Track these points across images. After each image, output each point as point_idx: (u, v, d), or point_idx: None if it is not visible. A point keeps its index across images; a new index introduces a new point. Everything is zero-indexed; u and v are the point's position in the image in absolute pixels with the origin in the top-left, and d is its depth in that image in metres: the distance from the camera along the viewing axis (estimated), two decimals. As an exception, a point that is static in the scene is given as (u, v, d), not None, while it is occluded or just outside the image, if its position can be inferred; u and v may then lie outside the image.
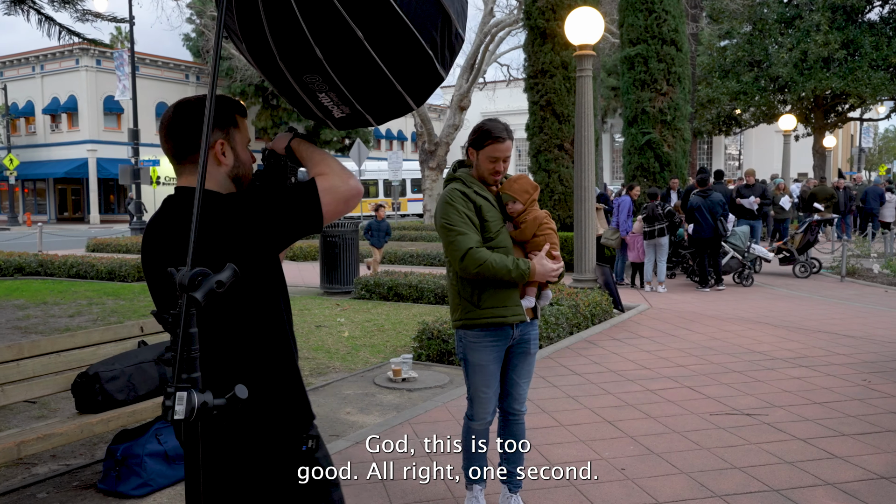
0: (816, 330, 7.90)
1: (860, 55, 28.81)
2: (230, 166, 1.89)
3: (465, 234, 3.11)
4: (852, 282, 11.86)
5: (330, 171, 1.84)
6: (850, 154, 54.16)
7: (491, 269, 3.06)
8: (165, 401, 1.46)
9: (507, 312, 3.18)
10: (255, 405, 1.81)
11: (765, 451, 4.30)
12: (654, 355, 6.80)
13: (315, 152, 1.94)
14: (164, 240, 1.82)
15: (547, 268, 3.11)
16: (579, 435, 4.63)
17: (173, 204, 1.86)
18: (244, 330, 1.82)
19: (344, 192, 1.82)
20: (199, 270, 1.48)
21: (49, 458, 4.33)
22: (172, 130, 1.87)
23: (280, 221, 1.77)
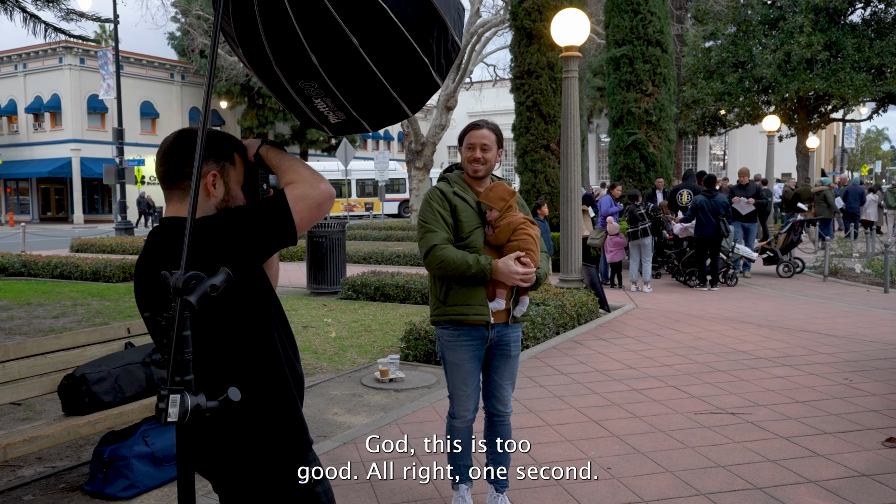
0: (800, 329, 7.99)
1: (842, 57, 29.14)
2: (219, 199, 1.88)
3: (433, 231, 3.18)
4: (835, 281, 12.00)
5: (299, 179, 1.83)
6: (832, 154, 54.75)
7: (452, 264, 3.10)
8: (159, 403, 1.48)
9: (469, 311, 3.21)
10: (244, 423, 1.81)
11: (749, 449, 4.35)
12: (639, 355, 6.85)
13: (283, 159, 1.92)
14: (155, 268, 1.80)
15: (511, 269, 3.12)
16: (566, 434, 4.67)
17: (160, 235, 1.85)
18: (229, 349, 1.80)
19: (315, 198, 1.81)
20: (193, 274, 1.50)
21: (35, 459, 4.31)
22: (169, 154, 1.87)
23: (253, 238, 1.75)
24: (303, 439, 1.91)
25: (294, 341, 1.97)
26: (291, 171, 1.86)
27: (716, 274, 11.23)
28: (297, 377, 1.93)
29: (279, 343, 1.88)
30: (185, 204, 1.85)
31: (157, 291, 1.76)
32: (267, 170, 1.98)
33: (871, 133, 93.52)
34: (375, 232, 23.28)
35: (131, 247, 17.55)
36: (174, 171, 1.85)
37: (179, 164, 1.85)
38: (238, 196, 1.94)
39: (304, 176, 1.84)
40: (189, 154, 1.82)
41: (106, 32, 39.38)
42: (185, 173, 1.84)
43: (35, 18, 9.24)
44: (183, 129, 1.91)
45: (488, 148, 3.27)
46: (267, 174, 2.01)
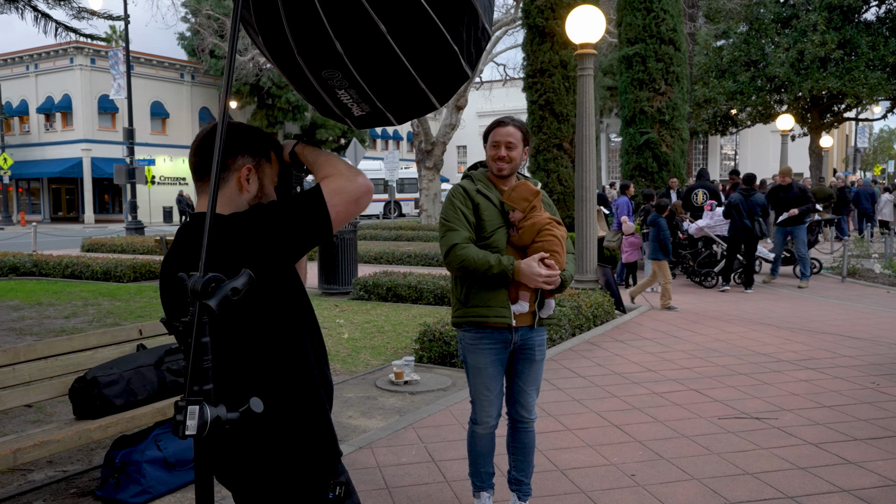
0: (821, 331, 7.84)
1: (857, 55, 28.82)
2: (252, 195, 1.80)
3: (455, 229, 3.08)
4: (853, 282, 11.81)
5: (336, 172, 1.75)
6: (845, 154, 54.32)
7: (473, 263, 3.00)
8: (176, 415, 1.38)
9: (490, 313, 3.10)
10: (271, 433, 1.71)
11: (777, 456, 4.22)
12: (658, 357, 6.72)
13: (320, 155, 1.84)
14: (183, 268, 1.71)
15: (534, 270, 3.00)
16: (586, 439, 4.55)
17: (189, 231, 1.77)
18: (258, 353, 1.71)
19: (353, 192, 1.72)
20: (213, 276, 1.40)
21: (45, 463, 4.23)
22: (203, 145, 1.79)
23: (287, 233, 1.66)
24: (332, 450, 1.81)
25: (324, 344, 1.87)
26: (328, 166, 1.78)
27: (751, 275, 10.99)
28: (326, 383, 1.83)
29: (310, 347, 1.79)
30: (218, 198, 1.76)
31: (178, 294, 1.67)
32: (302, 170, 1.90)
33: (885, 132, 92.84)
34: (386, 232, 23.21)
35: (142, 246, 17.53)
36: (207, 164, 1.76)
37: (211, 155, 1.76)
38: (271, 195, 1.85)
39: (341, 169, 1.75)
40: (226, 145, 1.73)
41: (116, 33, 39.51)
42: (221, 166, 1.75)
43: (46, 17, 9.19)
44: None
45: (513, 146, 3.16)
46: (301, 177, 1.93)
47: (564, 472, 4.03)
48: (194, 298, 1.38)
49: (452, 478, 3.98)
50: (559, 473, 4.02)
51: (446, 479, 3.97)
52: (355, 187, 1.72)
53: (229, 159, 1.77)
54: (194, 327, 1.40)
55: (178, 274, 1.45)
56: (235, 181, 1.78)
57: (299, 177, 1.95)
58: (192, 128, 42.51)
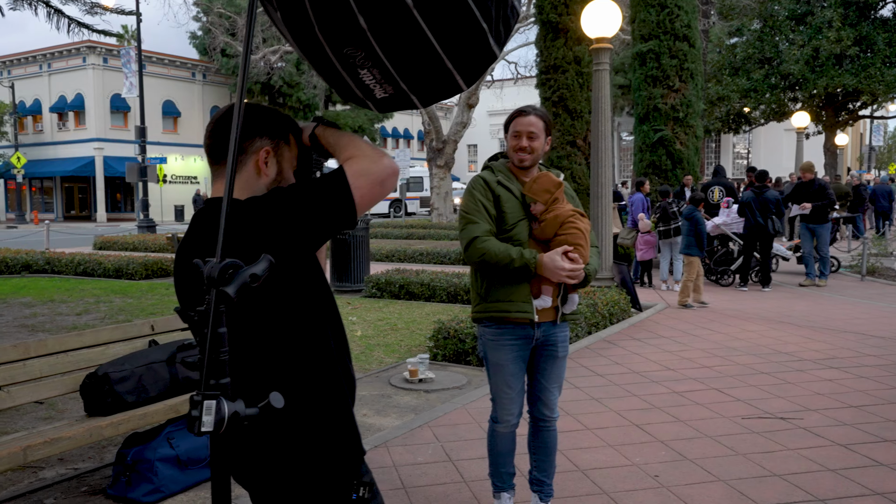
0: (842, 330, 7.68)
1: (873, 52, 28.49)
2: (271, 179, 1.71)
3: (475, 222, 2.99)
4: (873, 281, 11.62)
5: (359, 154, 1.65)
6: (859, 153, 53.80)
7: (494, 257, 2.90)
8: (192, 410, 1.28)
9: (512, 308, 2.99)
10: (291, 430, 1.62)
11: (804, 457, 4.10)
12: (676, 356, 6.60)
13: (342, 137, 1.74)
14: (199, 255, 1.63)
15: (557, 264, 2.90)
16: (607, 439, 4.44)
17: (204, 217, 1.68)
18: (277, 347, 1.61)
19: (378, 174, 1.62)
20: (230, 262, 1.30)
21: (56, 461, 4.16)
22: (218, 127, 1.70)
23: (309, 218, 1.56)
24: (356, 448, 1.71)
25: (345, 337, 1.78)
26: (351, 147, 1.68)
27: (768, 273, 10.81)
28: (349, 378, 1.74)
29: (332, 339, 1.69)
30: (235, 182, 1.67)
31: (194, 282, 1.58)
32: (322, 154, 1.81)
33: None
34: (397, 230, 23.13)
35: (153, 244, 17.53)
36: (223, 146, 1.67)
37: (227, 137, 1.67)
38: (290, 180, 1.76)
39: (365, 151, 1.65)
40: (243, 127, 1.65)
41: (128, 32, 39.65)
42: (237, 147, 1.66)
43: (59, 13, 9.15)
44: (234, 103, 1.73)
45: (535, 136, 3.05)
46: (321, 161, 1.83)
47: (585, 473, 3.92)
48: (210, 286, 1.29)
49: (470, 478, 3.88)
50: (580, 474, 3.91)
51: (464, 479, 3.87)
52: (380, 169, 1.62)
53: (246, 141, 1.68)
54: (210, 316, 1.30)
55: (193, 260, 1.36)
56: (253, 164, 1.69)
57: (319, 161, 1.86)
58: (203, 127, 42.51)
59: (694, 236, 9.09)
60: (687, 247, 9.20)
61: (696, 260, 9.15)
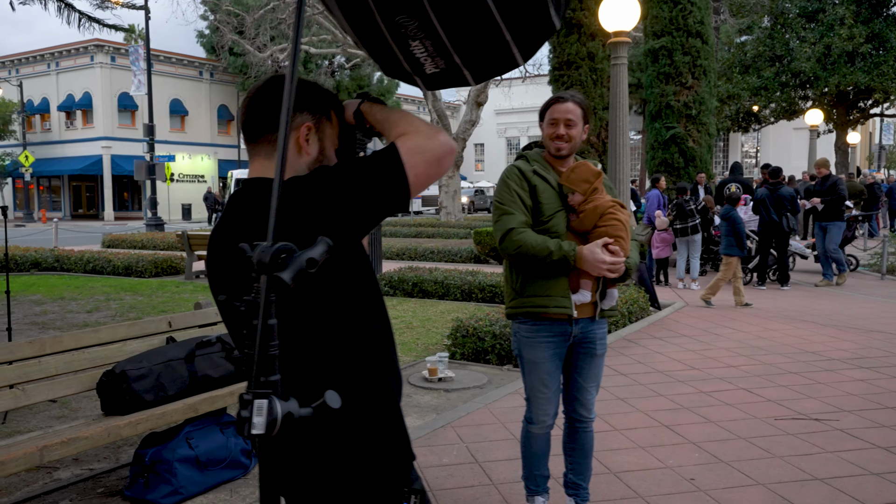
0: (868, 329, 7.52)
1: (886, 49, 28.22)
2: (312, 157, 1.58)
3: (510, 213, 2.85)
4: (893, 279, 11.43)
5: (413, 129, 1.51)
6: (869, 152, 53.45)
7: (531, 249, 2.76)
8: (241, 411, 1.15)
9: (550, 303, 2.85)
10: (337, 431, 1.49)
11: (844, 460, 3.95)
12: (700, 355, 6.45)
13: (391, 112, 1.61)
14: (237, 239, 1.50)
15: (597, 257, 2.75)
16: (637, 440, 4.30)
17: (243, 199, 1.55)
18: (322, 341, 1.48)
19: (434, 151, 1.48)
20: (283, 245, 1.17)
21: (71, 461, 4.05)
22: (255, 102, 1.57)
23: (360, 199, 1.43)
24: (406, 452, 1.57)
25: (391, 328, 1.64)
26: (403, 122, 1.54)
27: (785, 272, 10.65)
28: (396, 375, 1.60)
29: (380, 334, 1.56)
30: (272, 161, 1.54)
31: (236, 269, 1.44)
32: (366, 133, 1.67)
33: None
34: (406, 229, 23.03)
35: (162, 242, 17.45)
36: (260, 122, 1.55)
37: (267, 113, 1.54)
38: (333, 159, 1.63)
39: (419, 126, 1.51)
40: (278, 100, 1.52)
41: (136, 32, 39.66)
42: (274, 123, 1.53)
43: (70, 7, 9.05)
44: (274, 75, 1.60)
45: (573, 124, 2.91)
46: (365, 141, 1.70)
47: (618, 476, 3.78)
48: (262, 271, 1.16)
49: (499, 480, 3.75)
50: (612, 477, 3.77)
51: (492, 481, 3.74)
52: (436, 146, 1.48)
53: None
54: (261, 306, 1.17)
55: (238, 245, 1.22)
56: (293, 141, 1.55)
57: (363, 141, 1.73)
58: (210, 126, 42.55)
59: (733, 236, 8.82)
60: (727, 247, 8.89)
61: (735, 260, 8.88)
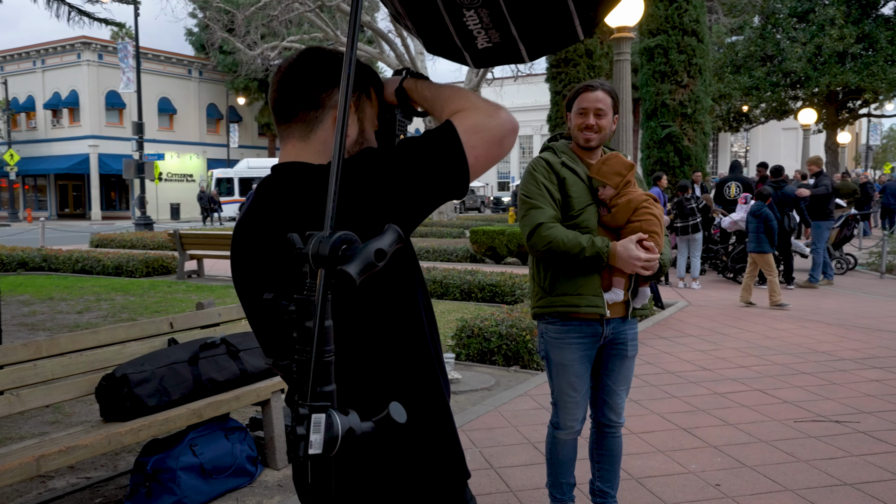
0: (875, 329, 7.42)
1: (876, 50, 28.31)
2: (351, 140, 1.40)
3: (539, 207, 2.69)
4: (893, 278, 11.38)
5: (470, 106, 1.34)
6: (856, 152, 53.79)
7: (562, 245, 2.61)
8: (297, 427, 0.99)
9: (582, 303, 2.70)
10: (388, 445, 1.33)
11: (871, 464, 3.83)
12: (709, 355, 6.32)
13: (442, 88, 1.43)
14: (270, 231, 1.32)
15: (632, 253, 2.61)
16: (656, 444, 4.16)
17: (275, 185, 1.37)
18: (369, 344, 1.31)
19: (495, 130, 1.31)
20: (344, 235, 1.01)
21: (67, 469, 3.86)
22: (288, 76, 1.39)
23: (414, 183, 1.26)
24: (460, 470, 1.41)
25: (437, 327, 1.48)
26: (457, 98, 1.37)
27: (791, 270, 10.56)
28: (445, 380, 1.44)
29: (429, 335, 1.39)
30: (309, 144, 1.37)
31: (271, 263, 1.28)
32: (409, 113, 1.51)
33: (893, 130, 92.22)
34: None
35: (152, 242, 17.18)
36: (294, 99, 1.37)
37: (302, 88, 1.37)
38: (373, 142, 1.46)
39: (477, 102, 1.34)
40: (318, 76, 1.35)
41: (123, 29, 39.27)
42: (311, 100, 1.36)
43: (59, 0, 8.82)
44: (309, 47, 1.42)
45: (603, 113, 2.76)
46: (406, 123, 1.54)
47: (640, 482, 3.64)
48: (320, 266, 1.00)
49: (517, 487, 3.59)
50: (635, 483, 3.63)
51: (510, 488, 3.58)
52: (498, 124, 1.31)
53: (323, 93, 1.37)
54: (318, 306, 1.01)
55: (283, 236, 1.06)
56: (331, 122, 1.38)
57: (403, 123, 1.56)
58: (199, 124, 42.20)
59: (765, 233, 8.65)
60: (758, 244, 8.72)
61: (770, 256, 8.74)
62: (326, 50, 1.42)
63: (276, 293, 1.07)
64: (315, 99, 1.36)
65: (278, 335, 1.26)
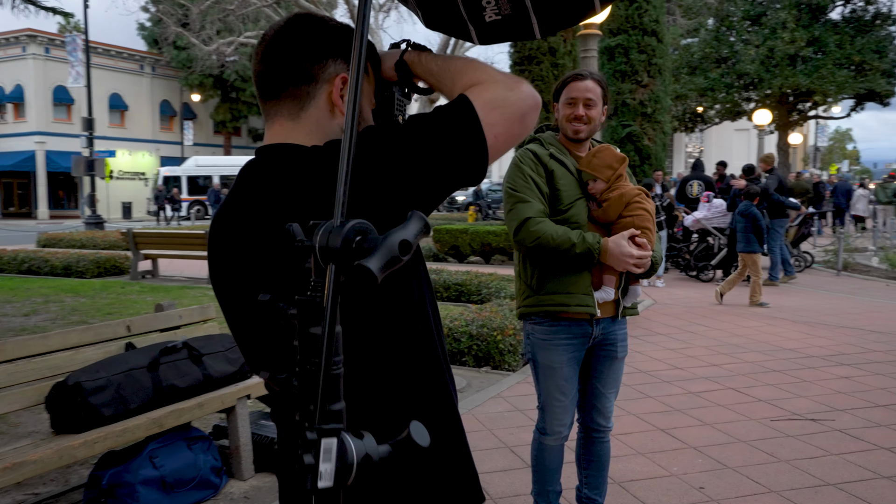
0: (839, 325, 7.49)
1: (825, 53, 29.05)
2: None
3: (526, 201, 2.56)
4: (849, 276, 11.59)
5: (487, 78, 1.16)
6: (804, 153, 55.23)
7: (552, 241, 2.48)
8: (304, 454, 0.82)
9: (572, 301, 2.58)
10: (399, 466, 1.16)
11: (852, 463, 3.79)
12: (680, 354, 6.29)
13: (451, 60, 1.26)
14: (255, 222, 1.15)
15: (624, 250, 2.50)
16: (635, 446, 4.07)
17: (260, 169, 1.19)
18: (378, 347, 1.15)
19: (517, 105, 1.13)
20: (359, 225, 0.84)
21: (12, 485, 3.58)
22: (273, 47, 1.20)
23: (424, 169, 1.09)
24: (475, 494, 1.25)
25: (444, 333, 1.32)
26: (471, 70, 1.19)
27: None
28: (454, 389, 1.28)
29: (437, 337, 1.23)
30: (299, 123, 1.19)
31: (264, 260, 1.10)
32: (410, 90, 1.34)
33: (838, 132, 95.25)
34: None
35: (103, 241, 16.59)
36: (282, 72, 1.19)
37: (292, 59, 1.19)
38: (370, 121, 1.29)
39: (494, 74, 1.17)
40: (310, 45, 1.18)
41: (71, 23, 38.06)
42: (302, 73, 1.18)
43: (3, -12, 8.39)
44: (298, 13, 1.24)
45: (593, 104, 2.64)
46: (405, 102, 1.37)
47: (623, 486, 3.53)
48: (330, 261, 0.83)
49: (498, 494, 3.45)
50: (618, 487, 3.52)
51: (490, 496, 3.44)
52: (520, 98, 1.14)
53: (316, 65, 1.20)
54: (327, 307, 0.84)
55: (286, 225, 0.89)
56: (325, 98, 1.20)
57: (402, 102, 1.39)
58: (152, 121, 41.15)
59: (753, 232, 8.65)
60: (747, 243, 8.72)
61: (758, 256, 8.75)
62: (318, 16, 1.24)
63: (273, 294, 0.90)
64: (307, 72, 1.19)
65: (272, 343, 1.09)
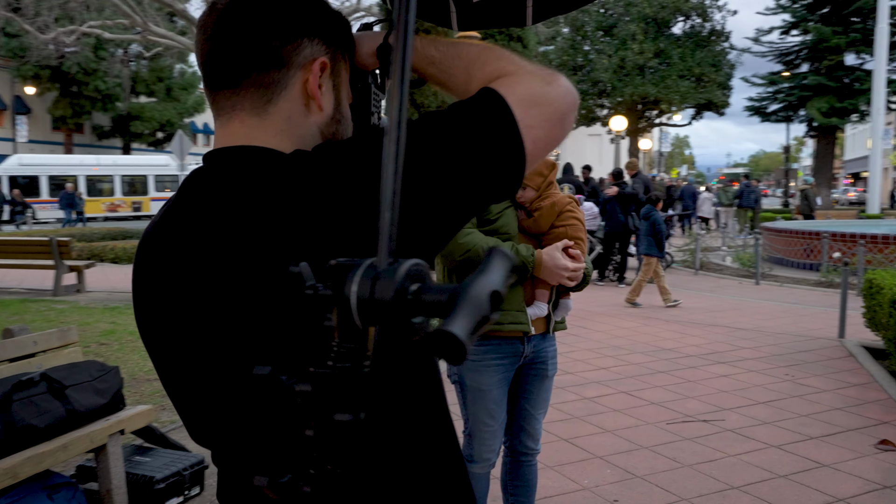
0: (707, 324, 7.86)
1: (669, 65, 31.10)
2: (327, 117, 0.97)
3: None
4: (706, 275, 12.30)
5: (517, 69, 0.91)
6: (650, 157, 58.98)
7: (481, 254, 2.29)
8: None
9: (505, 319, 2.41)
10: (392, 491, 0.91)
11: (749, 463, 3.87)
12: (567, 357, 6.30)
13: (459, 46, 1.00)
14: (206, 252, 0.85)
15: (558, 262, 2.37)
16: (542, 459, 3.92)
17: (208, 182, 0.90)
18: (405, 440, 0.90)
19: (558, 104, 0.89)
20: (415, 267, 0.58)
21: None
22: (231, 18, 0.91)
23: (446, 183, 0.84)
24: None
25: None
26: (493, 58, 0.94)
27: (624, 268, 11.04)
28: None
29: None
30: (266, 120, 0.91)
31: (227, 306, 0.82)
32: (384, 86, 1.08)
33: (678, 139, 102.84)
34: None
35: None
36: (242, 54, 0.91)
37: (255, 37, 0.90)
38: (348, 114, 1.01)
39: (524, 65, 0.92)
40: (279, 19, 0.91)
41: None
42: (269, 54, 0.90)
43: None
44: None
45: None
46: (381, 96, 1.11)
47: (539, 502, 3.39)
48: (375, 321, 0.56)
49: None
50: (533, 506, 3.37)
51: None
52: (560, 95, 0.90)
53: (288, 45, 0.92)
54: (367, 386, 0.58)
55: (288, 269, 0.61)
56: (299, 88, 0.93)
57: (379, 97, 1.13)
58: None
59: (653, 236, 8.83)
60: (648, 247, 8.86)
61: (655, 260, 8.91)
62: None
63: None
64: (276, 53, 0.90)
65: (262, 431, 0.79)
